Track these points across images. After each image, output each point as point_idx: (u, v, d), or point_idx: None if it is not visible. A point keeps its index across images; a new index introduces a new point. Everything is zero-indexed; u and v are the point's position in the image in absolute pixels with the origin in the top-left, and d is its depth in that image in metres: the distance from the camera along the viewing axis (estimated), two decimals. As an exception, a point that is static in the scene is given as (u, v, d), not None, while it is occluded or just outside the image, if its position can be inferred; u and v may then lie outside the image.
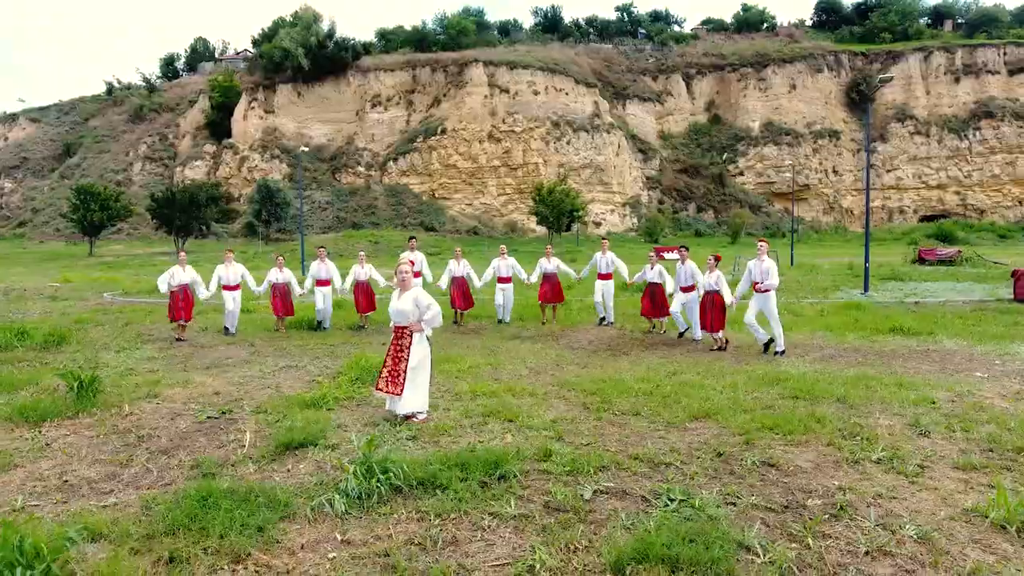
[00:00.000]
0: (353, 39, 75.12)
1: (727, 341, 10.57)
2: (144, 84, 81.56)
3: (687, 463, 5.19)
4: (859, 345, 10.67)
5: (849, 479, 4.82)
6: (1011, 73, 74.59)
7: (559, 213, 48.47)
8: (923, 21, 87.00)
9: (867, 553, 3.73)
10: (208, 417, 6.47)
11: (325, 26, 72.55)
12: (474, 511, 4.22)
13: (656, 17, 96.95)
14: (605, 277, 13.02)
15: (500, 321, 13.33)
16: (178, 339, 11.51)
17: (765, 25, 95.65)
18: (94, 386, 6.93)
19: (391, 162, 72.21)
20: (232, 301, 12.22)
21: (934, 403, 6.82)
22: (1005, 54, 75.58)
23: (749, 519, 4.15)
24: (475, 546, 3.81)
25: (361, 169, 71.95)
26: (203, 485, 4.40)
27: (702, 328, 10.65)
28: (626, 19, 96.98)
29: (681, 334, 11.47)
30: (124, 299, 18.33)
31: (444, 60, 74.83)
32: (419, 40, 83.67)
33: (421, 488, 4.53)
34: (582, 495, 4.47)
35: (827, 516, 4.19)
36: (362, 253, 13.89)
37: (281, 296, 12.66)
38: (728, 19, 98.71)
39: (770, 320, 9.96)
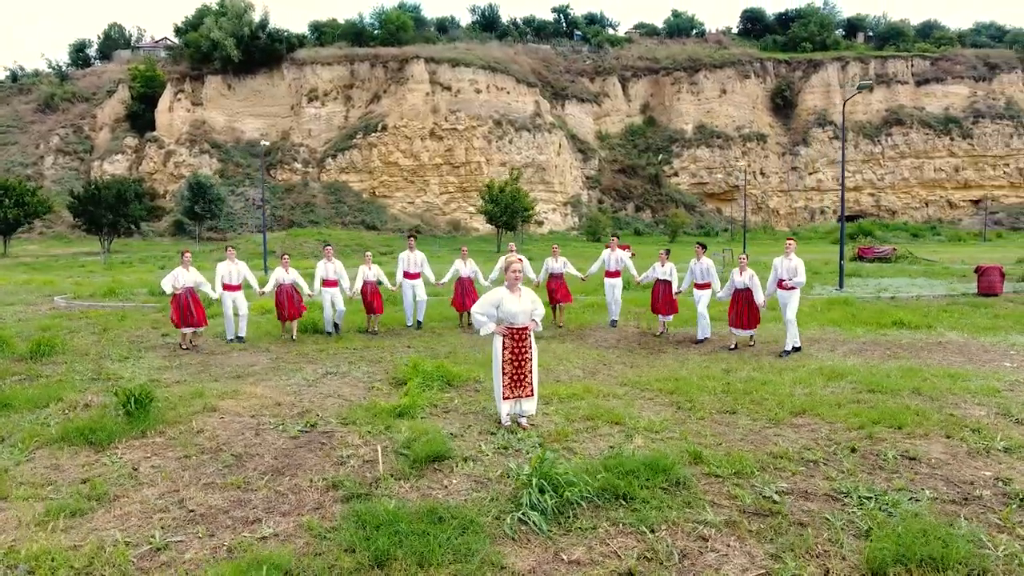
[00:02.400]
0: (287, 31, 72.38)
1: (754, 340, 10.66)
2: (53, 71, 75.44)
3: (830, 460, 5.18)
4: (874, 339, 11.10)
5: (996, 469, 4.94)
6: (918, 84, 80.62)
7: (512, 212, 48.36)
8: (838, 32, 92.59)
9: (1083, 542, 3.80)
10: (300, 431, 5.94)
11: (257, 16, 69.52)
12: (680, 520, 4.03)
13: (591, 20, 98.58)
14: (614, 275, 12.92)
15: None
16: (183, 347, 10.57)
17: (695, 31, 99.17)
18: (148, 402, 6.24)
19: (329, 159, 70.09)
20: (233, 304, 11.33)
21: (999, 392, 7.16)
22: (912, 66, 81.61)
23: (945, 514, 4.17)
24: (710, 557, 3.63)
25: (298, 166, 69.46)
26: (386, 509, 4.00)
27: (732, 326, 10.68)
28: (562, 20, 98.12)
29: (699, 340, 11.05)
30: (80, 304, 16.78)
31: (384, 55, 73.29)
32: (355, 34, 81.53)
33: (603, 499, 4.30)
34: (771, 498, 4.37)
35: (1014, 507, 4.26)
36: (368, 253, 13.25)
37: (288, 298, 11.89)
38: (659, 24, 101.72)
39: (788, 317, 9.94)
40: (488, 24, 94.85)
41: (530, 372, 5.78)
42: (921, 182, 79.11)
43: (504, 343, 5.87)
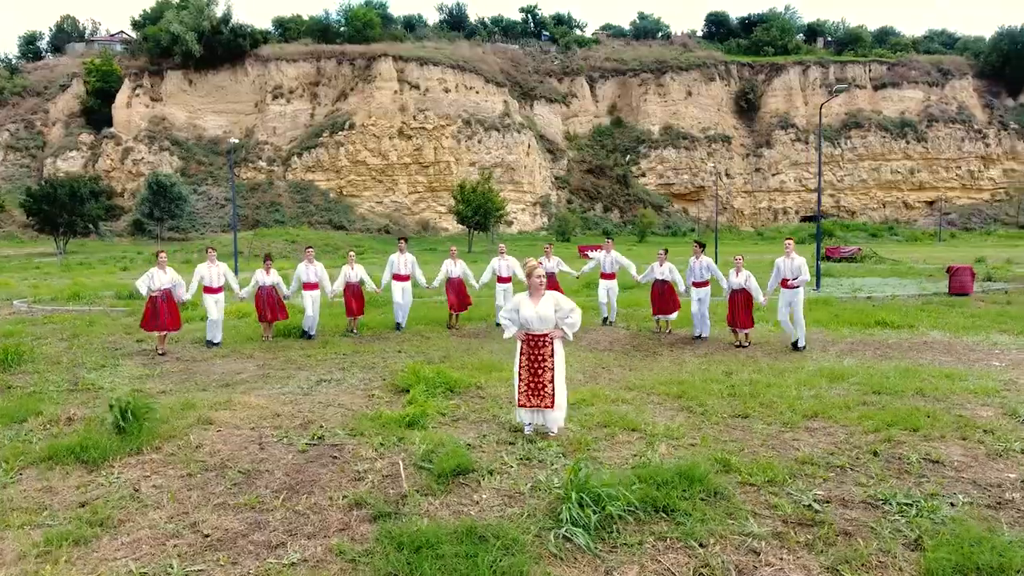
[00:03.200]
0: (251, 26, 70.73)
1: (749, 340, 10.82)
2: (2, 64, 72.23)
3: (856, 465, 5.14)
4: (862, 339, 11.26)
5: (1019, 471, 4.97)
6: (875, 89, 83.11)
7: (485, 212, 48.10)
8: (799, 37, 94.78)
9: (1125, 546, 3.81)
10: (307, 444, 5.65)
11: (219, 10, 67.74)
12: (727, 533, 3.91)
13: (559, 20, 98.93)
14: (609, 276, 12.89)
15: (499, 325, 12.85)
16: (160, 353, 10.14)
17: (660, 33, 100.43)
18: (143, 416, 5.86)
19: (295, 157, 68.85)
20: (216, 307, 10.91)
21: (998, 392, 7.27)
22: (870, 71, 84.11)
23: (983, 519, 4.15)
24: (766, 572, 3.52)
25: (262, 164, 68.02)
26: (421, 529, 3.78)
27: (730, 325, 10.79)
28: (530, 21, 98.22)
29: (696, 337, 11.49)
30: (43, 308, 15.98)
31: (351, 53, 72.28)
32: (321, 31, 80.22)
33: (643, 511, 4.15)
34: (811, 506, 4.29)
35: (1049, 511, 4.26)
36: (352, 253, 12.94)
37: (268, 300, 11.50)
38: (626, 26, 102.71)
39: (796, 316, 10.25)
40: (456, 23, 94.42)
41: (550, 382, 5.58)
42: (879, 184, 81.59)
43: (522, 348, 5.71)
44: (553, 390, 5.58)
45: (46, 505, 4.45)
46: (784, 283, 10.27)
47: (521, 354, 5.70)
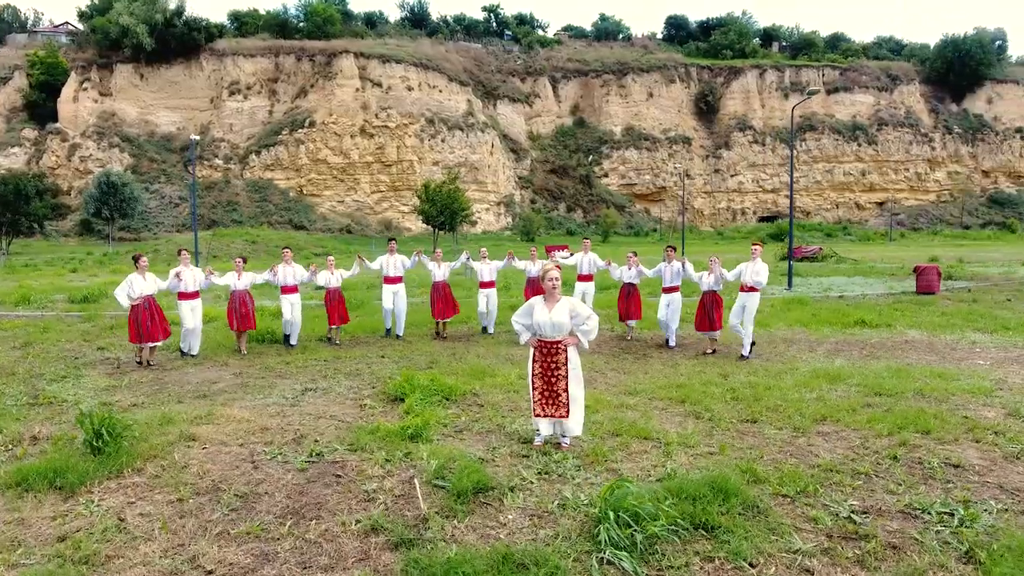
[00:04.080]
0: (206, 19, 68.53)
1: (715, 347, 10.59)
2: (-66, 54, 68.24)
3: (880, 472, 5.04)
4: (845, 338, 11.34)
5: (1039, 475, 4.94)
6: (828, 93, 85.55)
7: (451, 212, 47.58)
8: (755, 41, 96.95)
9: None
10: (306, 462, 5.26)
11: (172, 2, 65.35)
12: (774, 551, 3.72)
13: (521, 20, 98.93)
14: (586, 278, 12.63)
15: (484, 330, 12.51)
16: (138, 362, 9.47)
17: (621, 35, 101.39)
18: (120, 433, 5.37)
19: (253, 155, 66.94)
20: (191, 314, 10.26)
21: (994, 392, 7.33)
22: (823, 75, 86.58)
23: (1021, 527, 4.07)
24: (826, 595, 3.33)
25: (219, 162, 65.93)
26: (451, 558, 3.46)
27: (699, 329, 10.53)
28: (492, 20, 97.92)
29: (672, 346, 10.93)
30: (-12, 314, 14.94)
31: (311, 49, 70.71)
32: (279, 26, 78.26)
33: (683, 529, 3.93)
34: (850, 518, 4.14)
35: (1084, 517, 4.21)
36: (331, 258, 12.38)
37: (241, 305, 10.90)
38: (587, 27, 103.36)
39: (746, 320, 9.93)
40: (417, 21, 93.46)
41: (564, 391, 5.32)
42: (832, 185, 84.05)
43: (535, 355, 5.44)
44: (568, 399, 5.31)
45: (20, 540, 3.98)
46: (741, 286, 10.14)
47: (535, 361, 5.43)
